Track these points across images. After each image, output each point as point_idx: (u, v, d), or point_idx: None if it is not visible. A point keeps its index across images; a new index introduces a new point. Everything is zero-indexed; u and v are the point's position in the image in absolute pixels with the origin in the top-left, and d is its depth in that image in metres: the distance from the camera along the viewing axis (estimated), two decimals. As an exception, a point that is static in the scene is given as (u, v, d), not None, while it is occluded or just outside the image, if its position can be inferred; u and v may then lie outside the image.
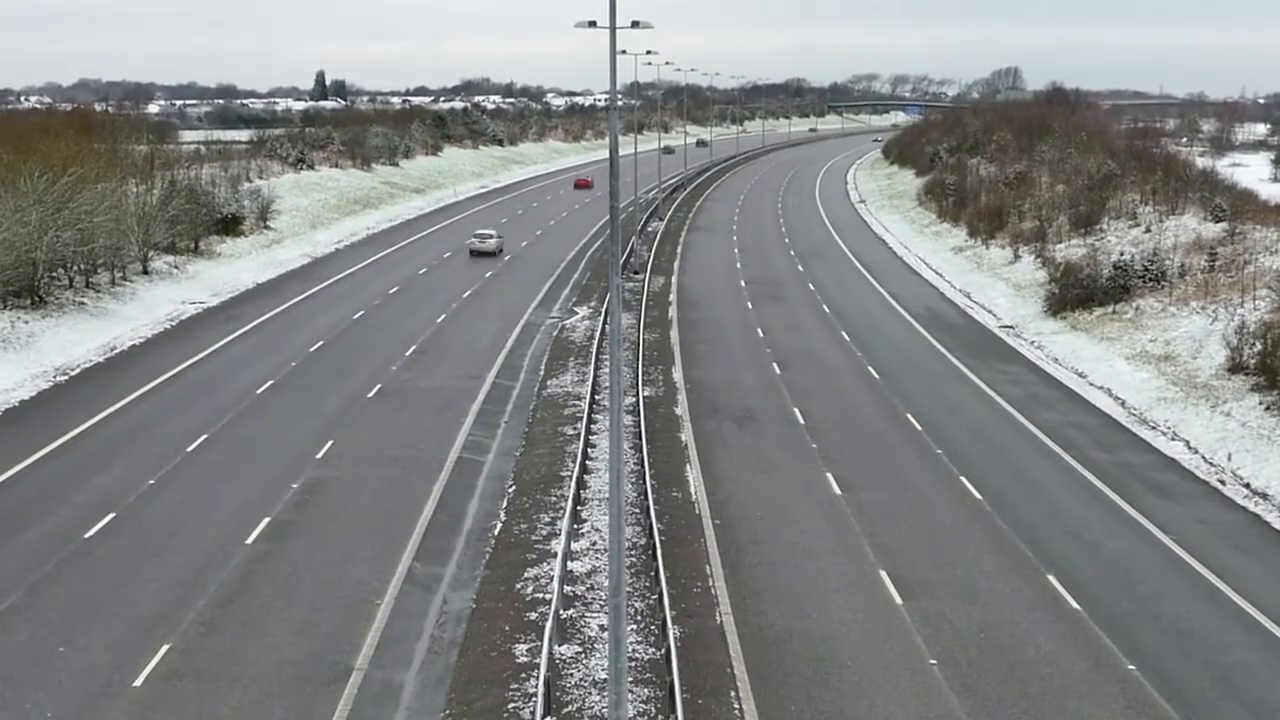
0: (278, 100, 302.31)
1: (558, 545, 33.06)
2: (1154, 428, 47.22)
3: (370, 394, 49.66)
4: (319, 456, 41.41)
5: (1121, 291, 64.82)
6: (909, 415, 48.26)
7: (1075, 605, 30.91)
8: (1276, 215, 74.93)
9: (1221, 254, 65.55)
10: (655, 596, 30.32)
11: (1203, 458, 43.42)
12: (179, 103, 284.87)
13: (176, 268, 75.51)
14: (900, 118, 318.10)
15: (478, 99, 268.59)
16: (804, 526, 36.08)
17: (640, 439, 42.71)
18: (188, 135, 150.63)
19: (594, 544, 34.20)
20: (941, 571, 32.88)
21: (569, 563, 32.45)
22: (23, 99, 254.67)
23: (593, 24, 40.91)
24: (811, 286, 79.85)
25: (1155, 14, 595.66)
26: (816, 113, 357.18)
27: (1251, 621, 30.32)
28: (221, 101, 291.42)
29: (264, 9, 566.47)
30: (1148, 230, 77.38)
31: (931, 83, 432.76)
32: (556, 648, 27.68)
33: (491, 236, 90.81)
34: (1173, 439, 45.78)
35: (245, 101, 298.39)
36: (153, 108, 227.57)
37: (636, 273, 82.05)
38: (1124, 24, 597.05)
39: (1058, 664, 27.80)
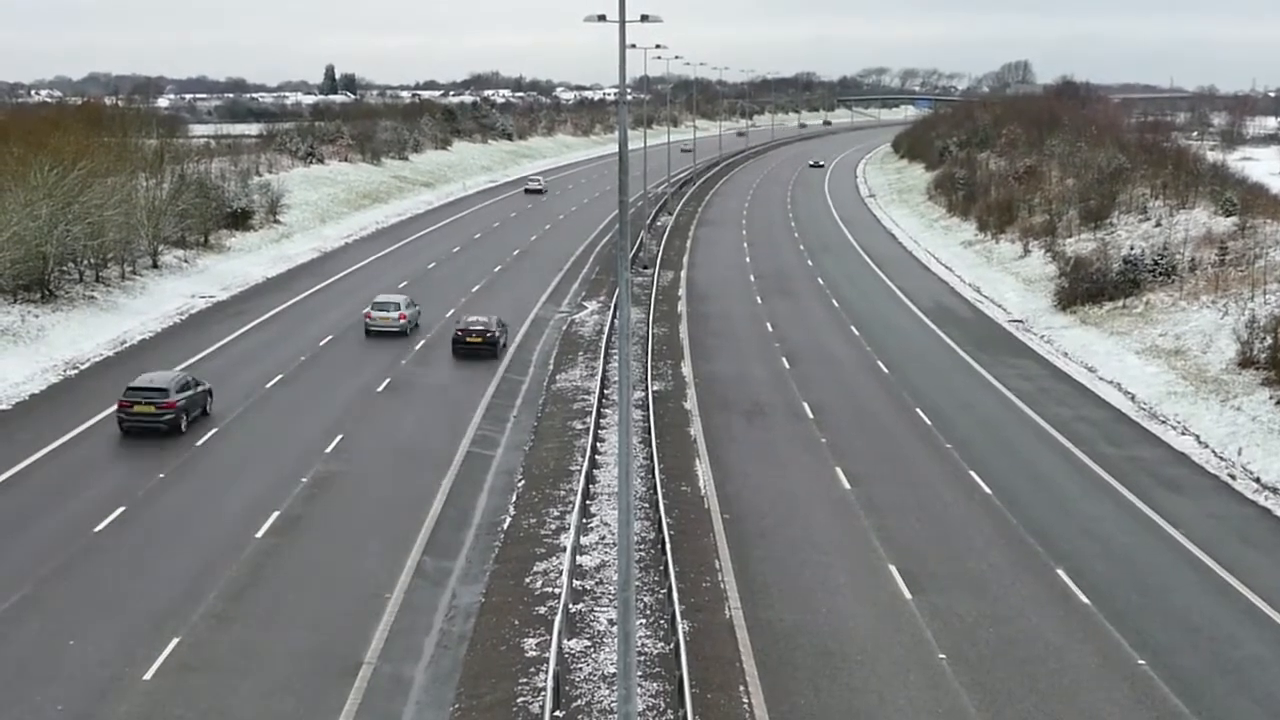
0: (287, 94, 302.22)
1: (567, 539, 33.09)
2: (1164, 422, 47.14)
3: (380, 388, 49.70)
4: (328, 451, 41.45)
5: (1131, 286, 64.71)
6: (918, 410, 48.21)
7: (1085, 600, 30.88)
8: (1287, 209, 74.75)
9: (1232, 248, 65.41)
10: (664, 591, 30.32)
11: (1213, 452, 43.35)
12: (189, 96, 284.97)
13: (186, 262, 75.57)
14: (910, 112, 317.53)
15: (487, 93, 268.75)
16: (813, 521, 36.07)
17: (649, 433, 42.73)
18: (197, 129, 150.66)
19: (603, 538, 34.22)
20: (950, 566, 32.85)
21: (578, 557, 32.49)
22: (33, 93, 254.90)
23: (602, 18, 40.90)
24: (821, 281, 79.78)
25: (1165, 7, 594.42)
26: (826, 107, 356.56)
27: (1262, 616, 30.28)
28: (231, 95, 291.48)
29: (273, 3, 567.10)
30: (1158, 224, 77.23)
31: (941, 76, 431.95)
32: (566, 642, 27.71)
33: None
34: (1183, 433, 45.70)
35: (255, 95, 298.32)
36: (162, 101, 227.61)
37: (646, 267, 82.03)
38: (1134, 17, 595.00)
39: (1067, 658, 27.77)
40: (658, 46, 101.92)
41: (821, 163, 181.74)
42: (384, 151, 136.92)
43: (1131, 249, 69.07)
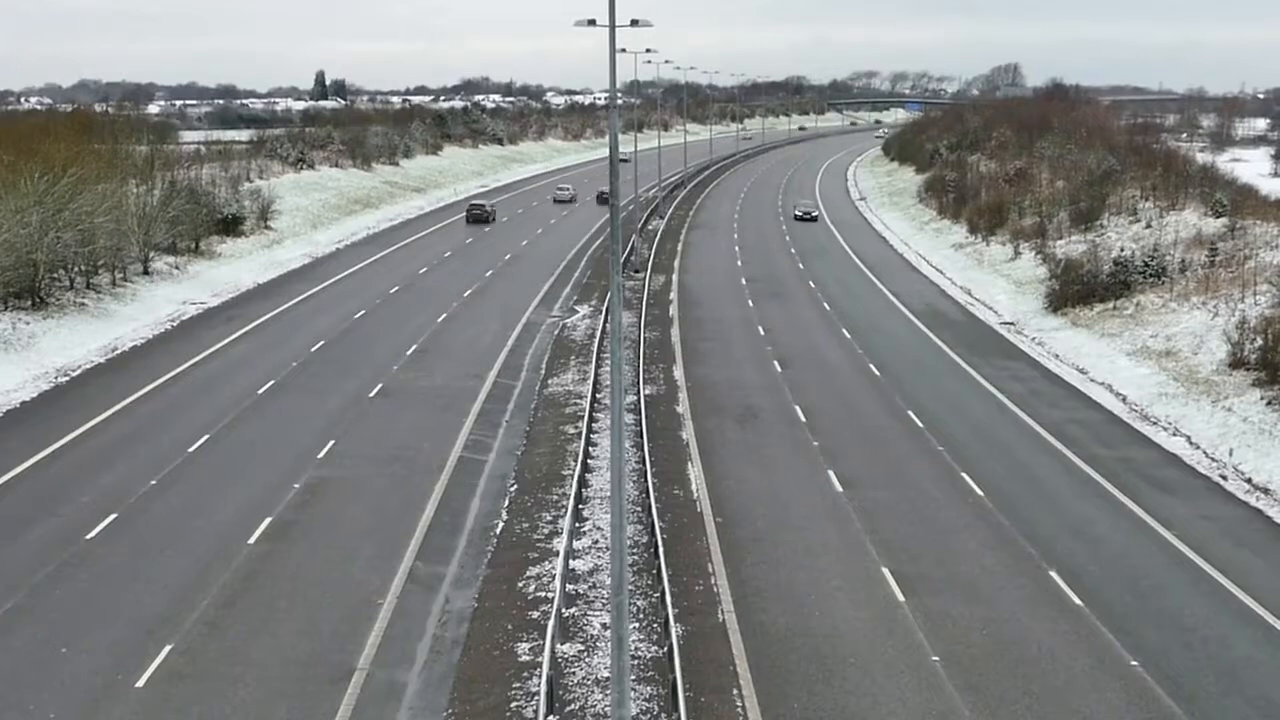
0: (277, 100, 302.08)
1: (560, 544, 33.08)
2: (1155, 423, 47.21)
3: (372, 393, 49.68)
4: (321, 456, 41.42)
5: (1122, 287, 64.83)
6: (910, 412, 48.26)
7: (1078, 601, 30.91)
8: (1277, 210, 74.93)
9: (1222, 249, 65.55)
10: (657, 594, 30.33)
11: (1204, 453, 43.42)
12: (179, 103, 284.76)
13: (177, 268, 75.53)
14: (900, 115, 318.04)
15: (477, 98, 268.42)
16: (806, 524, 36.08)
17: (642, 437, 42.72)
18: (188, 135, 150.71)
19: (596, 542, 34.22)
20: (943, 568, 32.88)
21: (571, 561, 32.47)
22: (23, 100, 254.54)
23: (592, 22, 40.88)
24: (812, 284, 79.83)
25: (1154, 10, 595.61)
26: (817, 110, 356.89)
27: (1254, 617, 30.32)
28: (221, 102, 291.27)
29: (263, 9, 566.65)
30: (1148, 226, 77.35)
31: (931, 79, 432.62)
32: (559, 646, 27.69)
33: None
34: (1174, 435, 45.77)
35: (245, 101, 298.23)
36: (153, 108, 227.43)
37: (637, 271, 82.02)
38: (1123, 20, 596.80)
39: (1060, 660, 27.80)
40: (648, 51, 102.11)
41: (815, 213, 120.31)
42: (375, 157, 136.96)
43: (1122, 251, 69.20)
